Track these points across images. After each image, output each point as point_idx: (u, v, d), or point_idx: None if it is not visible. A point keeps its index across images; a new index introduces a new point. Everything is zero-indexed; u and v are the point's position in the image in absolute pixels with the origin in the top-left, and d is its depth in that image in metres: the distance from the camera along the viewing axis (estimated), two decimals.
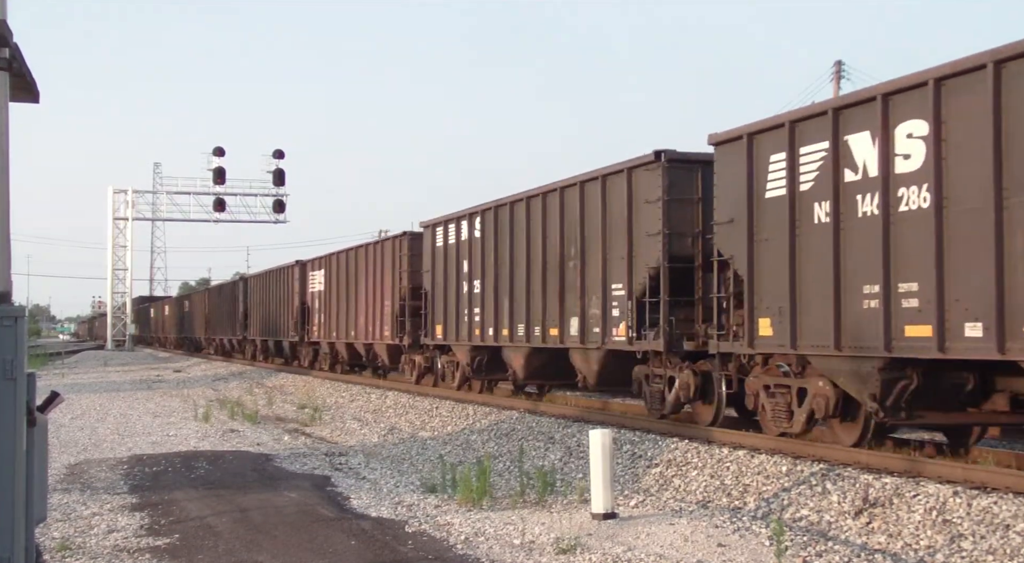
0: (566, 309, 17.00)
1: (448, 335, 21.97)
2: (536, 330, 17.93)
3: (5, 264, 5.69)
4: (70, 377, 38.70)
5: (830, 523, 9.46)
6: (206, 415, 20.90)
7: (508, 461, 14.26)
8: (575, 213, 16.74)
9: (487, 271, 19.99)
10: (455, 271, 21.59)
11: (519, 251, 18.74)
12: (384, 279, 26.17)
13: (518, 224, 18.82)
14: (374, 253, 27.30)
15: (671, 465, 12.46)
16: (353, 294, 28.83)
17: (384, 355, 26.98)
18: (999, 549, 7.97)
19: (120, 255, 73.66)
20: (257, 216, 65.26)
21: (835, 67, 41.35)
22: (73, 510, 10.53)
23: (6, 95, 5.75)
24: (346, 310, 29.50)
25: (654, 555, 8.14)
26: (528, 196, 18.45)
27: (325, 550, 8.56)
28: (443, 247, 22.33)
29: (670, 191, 14.45)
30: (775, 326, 12.25)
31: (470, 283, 20.75)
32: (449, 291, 21.89)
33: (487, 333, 19.91)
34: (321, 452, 15.58)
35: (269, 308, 40.33)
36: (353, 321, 28.74)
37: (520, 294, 18.60)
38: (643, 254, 14.88)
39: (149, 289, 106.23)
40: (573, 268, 16.84)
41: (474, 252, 20.71)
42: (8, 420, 5.35)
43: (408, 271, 24.60)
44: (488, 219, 20.11)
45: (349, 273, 29.43)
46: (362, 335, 27.99)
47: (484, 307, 20.08)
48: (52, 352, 65.22)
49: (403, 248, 25.07)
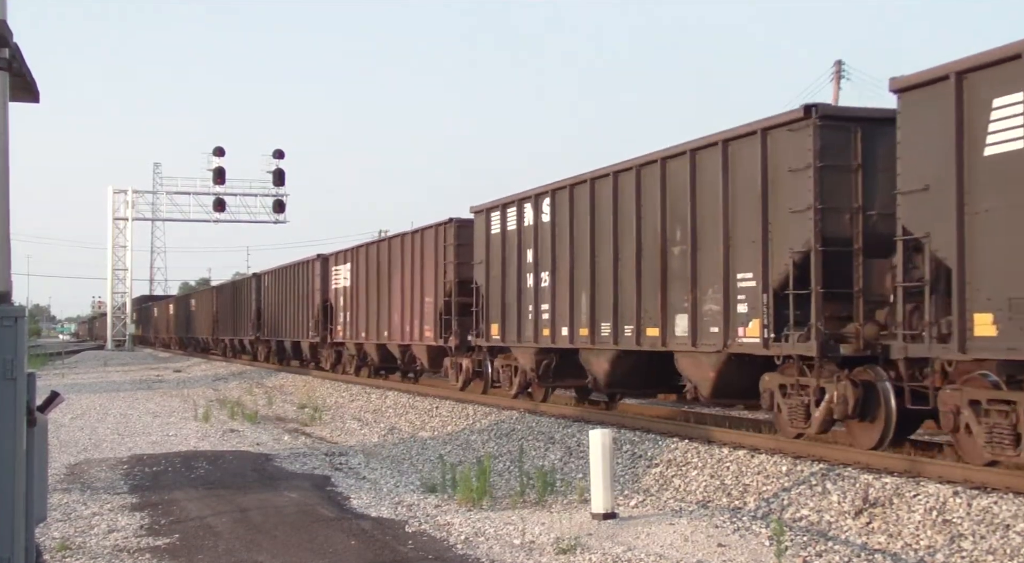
0: (670, 304, 14.21)
1: (507, 335, 19.15)
2: (627, 330, 15.19)
3: (5, 264, 5.69)
4: (70, 377, 38.70)
5: (830, 523, 9.46)
6: (206, 415, 20.91)
7: (508, 461, 14.27)
8: (683, 188, 13.93)
9: (559, 261, 17.28)
10: (516, 262, 18.80)
11: (603, 236, 15.92)
12: (425, 273, 23.44)
13: (602, 204, 15.97)
14: (412, 244, 24.49)
15: (671, 465, 12.46)
16: (386, 290, 26.16)
17: (424, 358, 24.15)
18: (999, 549, 7.97)
19: (120, 255, 73.73)
20: (257, 216, 65.37)
21: (835, 67, 41.36)
22: (73, 510, 10.53)
23: (6, 95, 5.75)
24: (377, 308, 26.87)
25: (654, 555, 8.14)
26: (616, 171, 15.54)
27: (325, 550, 8.56)
28: (500, 235, 19.46)
29: (823, 156, 11.63)
30: (1002, 324, 9.38)
31: (536, 275, 18.02)
32: (508, 285, 19.11)
33: (559, 333, 17.20)
34: (321, 452, 15.58)
35: (286, 307, 37.44)
36: (386, 320, 26.09)
37: (605, 287, 15.86)
38: (784, 235, 12.11)
39: (149, 289, 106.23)
40: (680, 255, 14.05)
41: (541, 239, 17.86)
42: (8, 420, 5.35)
43: (455, 263, 21.87)
44: (561, 200, 17.25)
45: (381, 267, 26.66)
46: (397, 336, 25.26)
47: (555, 303, 17.37)
48: (52, 352, 65.26)
49: (449, 237, 22.24)
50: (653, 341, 14.61)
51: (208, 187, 63.22)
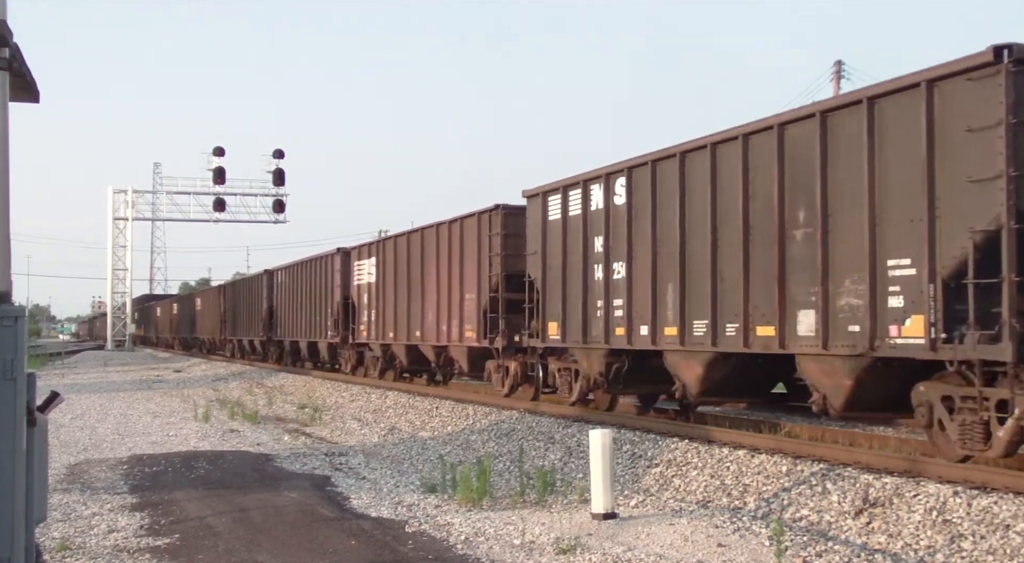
0: (789, 298, 12.02)
1: (568, 335, 16.91)
2: (729, 328, 13.06)
3: (5, 264, 5.69)
4: (70, 377, 38.69)
5: (830, 523, 9.46)
6: (206, 415, 20.91)
7: (508, 461, 14.26)
8: (808, 159, 11.71)
9: (637, 249, 15.04)
10: (581, 251, 16.46)
11: (696, 219, 13.73)
12: (466, 266, 21.17)
13: (695, 181, 13.75)
14: (450, 234, 22.11)
15: (671, 465, 12.46)
16: (418, 286, 23.87)
17: (463, 360, 21.92)
18: (999, 549, 7.97)
19: (120, 255, 73.73)
20: (257, 216, 65.35)
21: (835, 67, 41.36)
22: (73, 510, 10.53)
23: (6, 95, 5.75)
24: (407, 306, 24.57)
25: (654, 555, 8.14)
26: (714, 141, 13.31)
27: (325, 550, 8.56)
28: (560, 221, 17.18)
29: (1017, 110, 9.34)
30: None
31: (607, 266, 15.70)
32: (571, 278, 16.82)
33: (636, 333, 14.98)
34: (321, 452, 15.58)
35: (301, 305, 35.06)
36: (418, 319, 23.83)
37: (699, 279, 13.65)
38: (959, 211, 9.86)
39: (149, 288, 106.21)
40: (804, 240, 11.80)
41: (615, 224, 15.59)
42: (8, 420, 5.35)
43: (502, 255, 19.59)
44: (640, 179, 14.98)
45: (412, 261, 24.37)
46: (432, 336, 23.01)
47: (632, 298, 15.14)
48: (52, 352, 65.23)
49: (495, 225, 19.95)
50: (767, 342, 12.41)
51: (208, 187, 63.24)
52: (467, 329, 21.00)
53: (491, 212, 20.17)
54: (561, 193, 17.22)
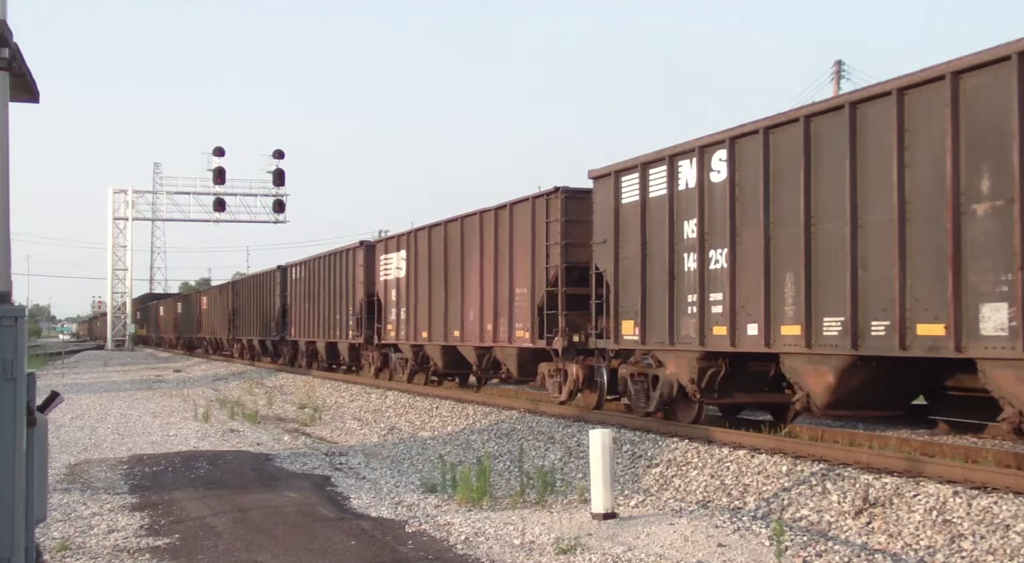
0: (969, 288, 9.96)
1: (649, 335, 14.84)
2: (877, 327, 10.90)
3: (5, 264, 5.69)
4: (70, 377, 38.70)
5: (830, 523, 9.46)
6: (206, 415, 20.91)
7: (508, 461, 14.27)
8: (996, 116, 9.74)
9: (744, 232, 13.05)
10: (667, 237, 14.41)
11: (826, 193, 11.69)
12: (516, 257, 19.03)
13: (824, 150, 11.76)
14: (497, 222, 19.89)
15: (671, 465, 12.46)
16: (457, 281, 21.67)
17: (511, 363, 19.73)
18: (999, 549, 7.98)
19: (120, 255, 73.79)
20: (257, 216, 65.41)
21: (835, 67, 41.37)
22: (73, 510, 10.53)
23: (6, 95, 5.75)
24: (444, 303, 22.32)
25: (654, 555, 8.14)
26: (855, 101, 11.35)
27: (325, 550, 8.56)
28: (638, 204, 15.09)
29: None
30: None
31: (702, 254, 13.70)
32: (653, 269, 14.77)
33: (742, 332, 12.96)
34: (321, 452, 15.58)
35: (319, 303, 32.85)
36: (457, 317, 21.61)
37: (831, 266, 11.59)
38: None
39: (149, 288, 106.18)
40: (989, 215, 9.79)
41: (712, 204, 13.61)
42: (8, 420, 5.35)
43: (562, 244, 17.40)
44: (747, 150, 12.98)
45: (451, 253, 22.15)
46: (474, 336, 20.81)
47: (736, 291, 13.11)
48: (52, 352, 65.25)
49: (553, 211, 17.74)
50: (933, 343, 10.35)
51: (208, 187, 63.28)
52: (518, 328, 18.91)
53: (549, 196, 17.92)
54: (639, 171, 15.08)
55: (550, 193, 17.88)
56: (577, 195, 17.54)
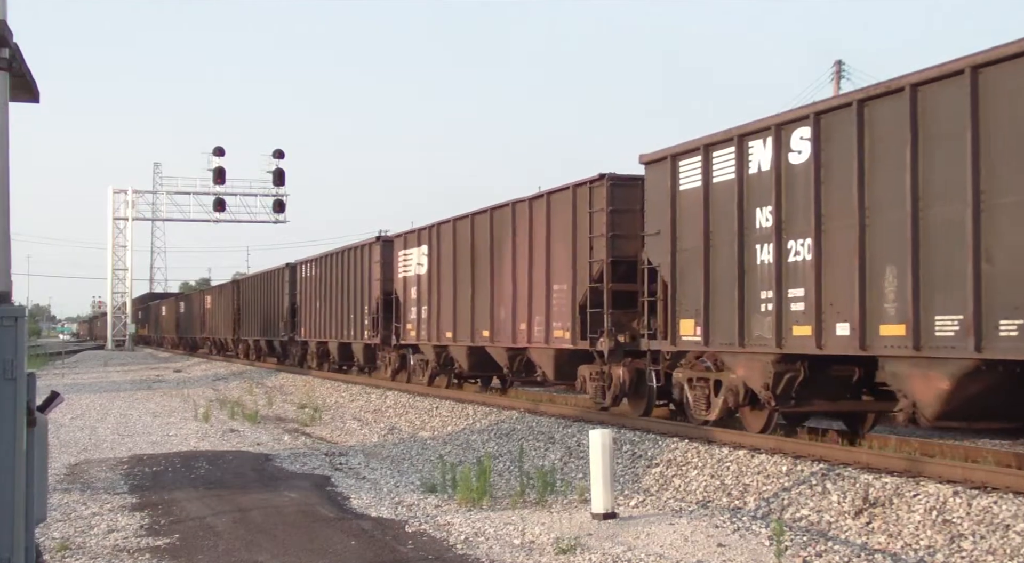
0: None
1: (713, 336, 13.46)
2: (1007, 326, 9.52)
3: (5, 264, 5.69)
4: (70, 377, 38.71)
5: (830, 523, 9.46)
6: (206, 415, 20.92)
7: (508, 461, 14.27)
8: None
9: (832, 219, 11.51)
10: (734, 227, 12.99)
11: (939, 173, 10.21)
12: (555, 251, 17.55)
13: (936, 123, 10.28)
14: (532, 213, 18.40)
15: (671, 465, 12.46)
16: (486, 277, 20.22)
17: (548, 365, 18.28)
18: (999, 549, 7.98)
19: (120, 255, 73.80)
20: (257, 216, 65.42)
21: (835, 67, 41.38)
22: (73, 510, 10.54)
23: (6, 95, 5.75)
24: (471, 301, 20.83)
25: (654, 555, 8.14)
26: (976, 64, 9.82)
27: (325, 550, 8.57)
28: (699, 190, 13.66)
29: None
30: None
31: (779, 245, 12.27)
32: (717, 262, 13.40)
33: (830, 332, 11.47)
34: (321, 452, 15.59)
35: (331, 302, 31.51)
36: (486, 316, 20.14)
37: (946, 256, 10.13)
38: None
39: (149, 288, 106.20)
40: None
41: (792, 189, 12.15)
42: (8, 420, 5.35)
43: (608, 236, 15.86)
44: (836, 127, 11.48)
45: (478, 247, 20.71)
46: (505, 336, 19.39)
47: (822, 285, 11.61)
48: (52, 352, 65.27)
49: (599, 200, 16.13)
50: None
51: (208, 187, 63.26)
52: (556, 328, 17.44)
53: (593, 183, 16.31)
54: (701, 154, 13.64)
55: (594, 180, 16.29)
56: (624, 182, 15.99)
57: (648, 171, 15.02)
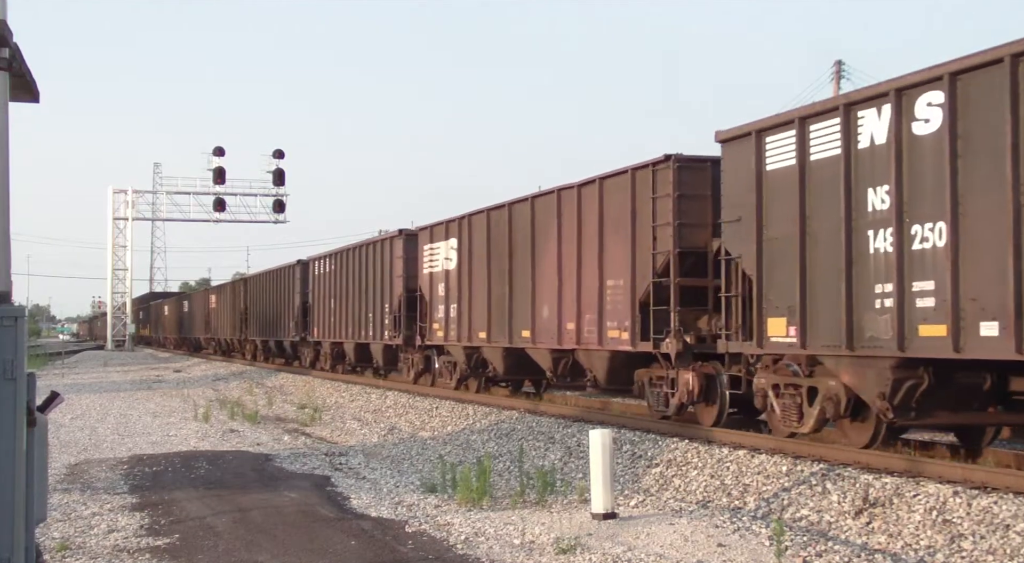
0: None
1: (812, 336, 11.64)
2: None
3: (5, 264, 5.69)
4: (70, 377, 38.71)
5: (830, 523, 9.47)
6: (206, 415, 20.92)
7: (508, 461, 14.27)
8: None
9: (971, 198, 9.83)
10: (840, 210, 11.16)
11: None
12: (609, 242, 15.80)
13: None
14: (581, 201, 16.61)
15: (671, 465, 12.46)
16: (526, 272, 18.49)
17: (600, 369, 16.57)
18: (999, 549, 7.98)
19: (120, 255, 73.78)
20: (257, 216, 65.42)
21: (835, 67, 41.40)
22: (73, 510, 10.54)
23: (6, 95, 5.75)
24: (507, 298, 19.16)
25: (654, 555, 8.14)
26: None
27: (325, 550, 8.57)
28: (793, 169, 11.91)
29: None
30: None
31: (899, 230, 10.49)
32: (816, 252, 11.62)
33: (972, 333, 9.70)
34: (321, 452, 15.59)
35: (348, 300, 29.69)
36: (526, 315, 18.40)
37: None
38: None
39: (149, 288, 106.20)
40: None
41: (916, 164, 10.42)
42: (8, 420, 5.35)
43: (674, 225, 14.14)
44: (974, 90, 9.83)
45: (517, 239, 18.98)
46: (549, 336, 17.62)
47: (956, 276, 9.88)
48: (52, 352, 65.27)
49: (663, 185, 14.43)
50: None
51: (208, 187, 63.27)
52: (610, 328, 15.66)
53: (657, 166, 14.58)
54: (796, 128, 11.88)
55: (658, 162, 14.56)
56: (692, 164, 14.43)
57: (726, 150, 13.29)
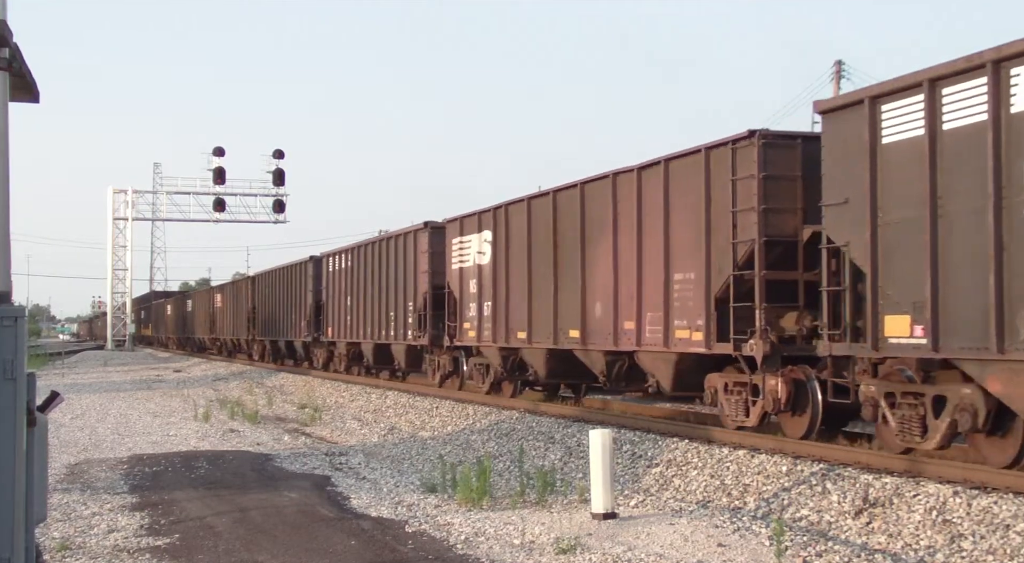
0: None
1: (945, 336, 9.98)
2: None
3: (5, 264, 5.68)
4: (70, 377, 38.71)
5: (830, 523, 9.46)
6: (206, 415, 20.92)
7: (508, 461, 14.27)
8: None
9: None
10: (985, 187, 9.53)
11: None
12: (676, 232, 14.10)
13: None
14: (642, 186, 14.88)
15: (671, 465, 12.46)
16: (574, 265, 16.70)
17: (665, 373, 14.73)
18: (999, 549, 7.98)
19: (120, 255, 73.82)
20: (257, 216, 65.43)
21: (835, 67, 41.40)
22: (73, 510, 10.54)
23: (6, 95, 5.75)
24: (553, 294, 17.37)
25: (654, 555, 8.14)
26: None
27: (325, 550, 8.57)
28: (920, 142, 10.21)
29: None
30: None
31: None
32: (952, 237, 9.95)
33: None
34: (321, 452, 15.59)
35: (365, 298, 28.13)
36: (575, 313, 16.59)
37: None
38: None
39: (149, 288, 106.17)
40: None
41: None
42: (8, 420, 5.35)
43: (759, 210, 12.52)
44: None
45: (563, 230, 17.23)
46: (603, 337, 15.83)
47: None
48: (52, 352, 65.27)
49: (745, 164, 12.80)
50: None
51: (208, 187, 63.25)
52: (679, 327, 14.02)
53: (738, 143, 12.98)
54: (924, 92, 10.08)
55: (739, 139, 12.91)
56: (780, 141, 12.82)
57: (828, 123, 11.58)
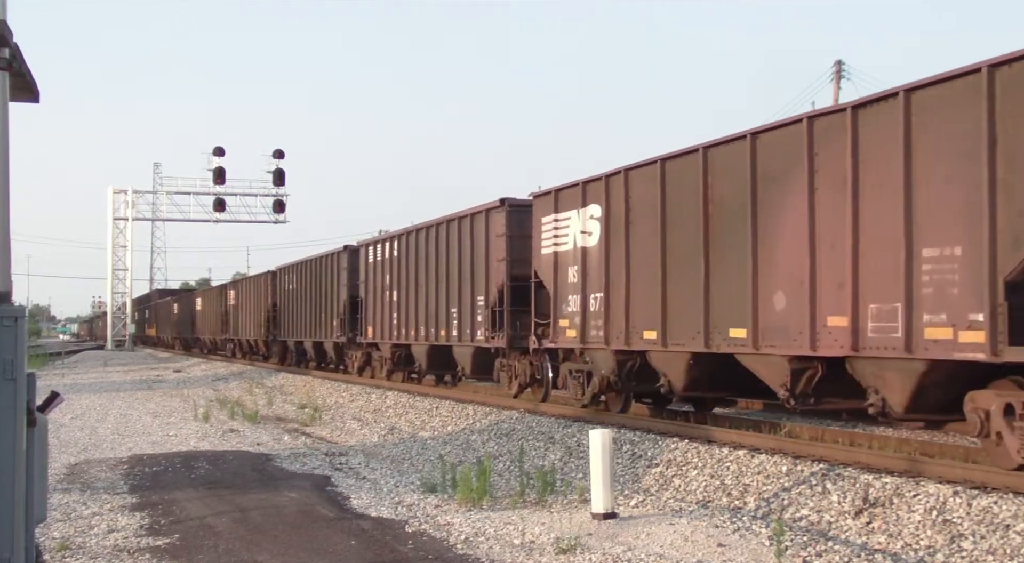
0: None
1: None
2: None
3: (5, 264, 5.69)
4: (70, 377, 38.70)
5: (830, 523, 9.46)
6: (206, 415, 20.91)
7: (508, 461, 14.27)
8: None
9: None
10: None
11: None
12: (925, 192, 10.13)
13: None
14: (856, 132, 10.91)
15: (671, 465, 12.46)
16: (742, 243, 12.68)
17: (896, 389, 10.66)
18: (999, 549, 7.98)
19: (120, 255, 73.82)
20: (257, 216, 65.44)
21: (835, 67, 41.38)
22: (73, 510, 10.54)
23: (6, 95, 5.75)
24: (704, 282, 13.36)
25: (654, 555, 8.14)
26: None
27: (325, 550, 8.57)
28: None
29: None
30: None
31: None
32: None
33: None
34: (321, 452, 15.58)
35: (416, 293, 24.24)
36: (744, 306, 12.59)
37: None
38: None
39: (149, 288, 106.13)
40: None
41: None
42: (8, 420, 5.35)
43: None
44: None
45: (717, 199, 13.25)
46: (787, 337, 11.96)
47: None
48: (52, 352, 65.25)
49: None
50: None
51: (208, 187, 63.30)
52: (931, 323, 10.06)
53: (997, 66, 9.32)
54: None
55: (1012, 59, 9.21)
56: None
57: None
